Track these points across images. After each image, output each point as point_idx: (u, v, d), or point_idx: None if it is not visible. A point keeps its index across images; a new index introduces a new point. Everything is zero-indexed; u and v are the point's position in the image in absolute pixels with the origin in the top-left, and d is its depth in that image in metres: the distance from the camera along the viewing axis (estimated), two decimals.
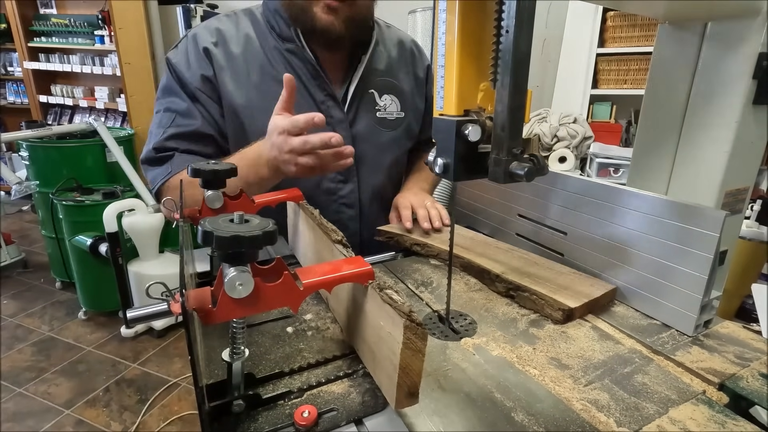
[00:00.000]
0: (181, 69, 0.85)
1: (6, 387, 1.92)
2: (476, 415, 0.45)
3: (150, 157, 0.86)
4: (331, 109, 0.90)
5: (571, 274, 0.71)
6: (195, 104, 0.86)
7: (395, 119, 0.99)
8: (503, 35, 0.43)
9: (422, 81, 1.05)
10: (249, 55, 0.87)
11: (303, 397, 0.47)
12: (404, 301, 0.40)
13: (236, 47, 0.87)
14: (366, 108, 0.95)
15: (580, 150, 2.13)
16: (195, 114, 0.85)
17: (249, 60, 0.87)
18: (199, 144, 0.86)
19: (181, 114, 0.85)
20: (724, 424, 0.45)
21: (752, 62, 0.63)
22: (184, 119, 0.85)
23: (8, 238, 2.93)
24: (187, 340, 0.34)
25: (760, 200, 1.49)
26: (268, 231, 0.37)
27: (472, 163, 0.50)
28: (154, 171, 0.85)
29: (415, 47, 1.06)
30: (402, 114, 0.99)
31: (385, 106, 0.97)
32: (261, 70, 0.87)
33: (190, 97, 0.85)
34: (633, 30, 2.27)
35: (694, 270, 0.57)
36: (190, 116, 0.85)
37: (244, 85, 0.86)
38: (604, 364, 0.54)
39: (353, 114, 0.93)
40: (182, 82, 0.85)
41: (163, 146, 0.85)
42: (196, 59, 0.85)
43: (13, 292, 2.69)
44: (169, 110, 0.86)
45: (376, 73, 0.96)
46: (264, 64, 0.87)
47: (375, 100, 0.96)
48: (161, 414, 1.79)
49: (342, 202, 0.95)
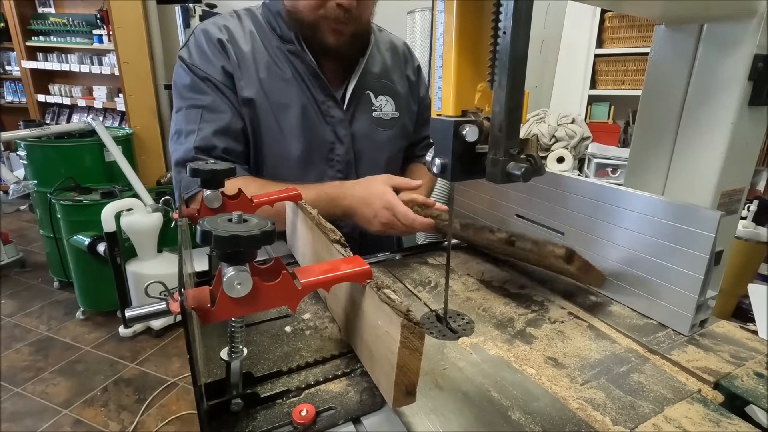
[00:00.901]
0: (200, 64, 0.85)
1: (4, 387, 1.92)
2: (473, 413, 0.46)
3: (188, 158, 0.83)
4: (332, 109, 0.92)
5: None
6: (220, 96, 0.86)
7: (391, 119, 1.01)
8: (500, 36, 0.43)
9: (414, 83, 1.07)
10: (256, 52, 0.89)
11: (301, 396, 0.47)
12: (402, 301, 0.40)
13: (244, 44, 0.88)
14: (363, 108, 0.97)
15: (578, 150, 2.14)
16: (223, 107, 0.85)
17: (256, 57, 0.88)
18: (233, 140, 0.87)
19: (208, 109, 0.85)
20: (718, 422, 0.45)
21: (748, 64, 0.63)
22: (212, 114, 0.85)
23: (6, 238, 2.92)
24: (186, 339, 0.34)
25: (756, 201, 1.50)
26: (266, 231, 0.37)
27: (470, 163, 0.50)
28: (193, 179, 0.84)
29: (406, 49, 1.09)
30: (397, 114, 1.02)
31: (381, 107, 0.99)
32: (267, 68, 0.88)
33: (213, 91, 0.85)
34: (631, 31, 2.28)
35: (690, 270, 0.58)
36: (218, 110, 0.85)
37: (253, 81, 0.87)
38: (600, 364, 0.54)
39: (351, 113, 0.96)
40: (203, 76, 0.85)
41: (209, 144, 0.83)
42: (213, 52, 0.86)
43: (10, 292, 2.69)
44: (194, 106, 0.85)
45: (371, 74, 0.98)
46: (270, 62, 0.89)
47: (371, 101, 0.98)
48: (159, 414, 1.79)
49: None
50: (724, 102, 0.67)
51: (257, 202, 0.69)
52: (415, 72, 1.08)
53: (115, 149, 2.39)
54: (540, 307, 0.67)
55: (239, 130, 0.88)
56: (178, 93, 0.88)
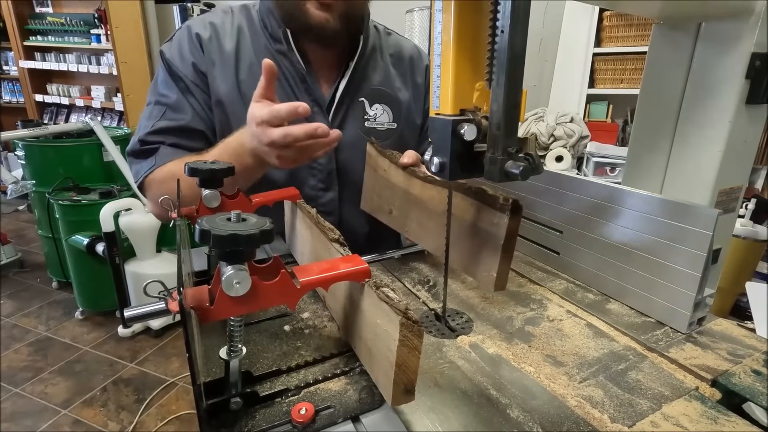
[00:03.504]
0: (175, 61, 0.85)
1: (3, 387, 1.92)
2: (472, 411, 0.46)
3: (135, 150, 0.84)
4: (316, 116, 0.88)
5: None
6: (187, 97, 0.85)
7: (386, 130, 0.96)
8: (498, 35, 0.43)
9: (421, 87, 1.01)
10: (240, 51, 0.87)
11: (300, 395, 0.47)
12: (400, 299, 0.41)
13: (228, 43, 0.87)
14: (354, 116, 0.92)
15: (576, 149, 2.14)
16: (185, 108, 0.85)
17: (239, 57, 0.87)
18: (187, 138, 0.85)
19: (172, 108, 0.85)
20: (716, 419, 0.46)
21: (745, 62, 0.64)
22: (174, 113, 0.84)
23: (4, 238, 2.92)
24: (185, 337, 0.34)
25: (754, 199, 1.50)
26: (265, 230, 0.37)
27: (468, 162, 0.50)
28: (139, 164, 0.84)
29: (415, 53, 1.03)
30: (394, 125, 0.96)
31: (375, 116, 0.94)
32: (249, 68, 0.87)
33: (182, 90, 0.85)
34: (629, 30, 2.28)
35: (687, 268, 0.58)
36: (181, 110, 0.85)
37: (231, 80, 0.86)
38: (598, 361, 0.55)
39: (339, 120, 0.91)
40: (175, 74, 0.85)
41: (149, 140, 0.83)
42: (189, 49, 0.85)
43: (9, 292, 2.69)
44: (160, 103, 0.85)
45: (369, 81, 0.94)
46: (253, 62, 0.87)
47: (364, 109, 0.93)
48: (159, 413, 1.79)
49: (321, 210, 0.93)
50: (721, 100, 0.67)
51: (256, 201, 0.69)
52: (423, 74, 1.02)
53: (113, 149, 2.39)
54: (539, 305, 0.68)
55: (199, 131, 0.86)
56: (153, 86, 0.88)
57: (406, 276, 0.77)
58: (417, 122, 1.01)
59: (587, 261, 0.72)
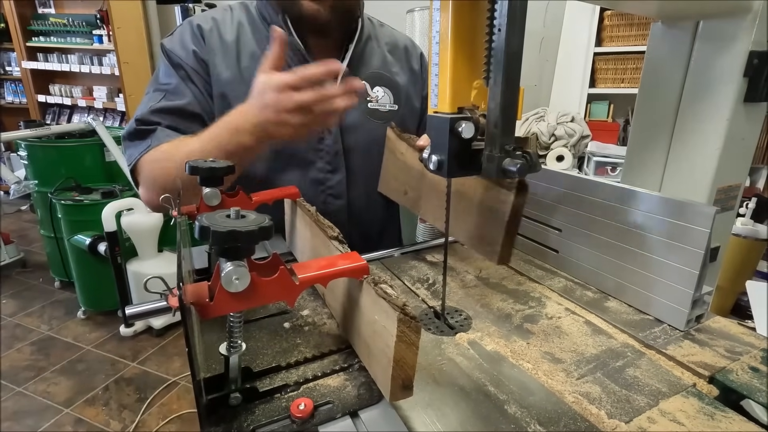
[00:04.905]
0: (175, 50, 0.86)
1: (5, 386, 1.93)
2: (470, 407, 0.46)
3: (131, 131, 0.82)
4: None
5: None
6: (187, 83, 0.86)
7: (387, 111, 0.98)
8: (495, 34, 0.44)
9: (417, 73, 1.04)
10: (240, 42, 0.89)
11: (299, 391, 0.48)
12: (398, 296, 0.41)
13: (229, 34, 0.88)
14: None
15: (577, 149, 2.14)
16: (185, 92, 0.85)
17: (240, 46, 0.88)
18: (185, 121, 0.85)
19: (171, 92, 0.85)
20: (713, 415, 0.46)
21: (743, 60, 0.64)
22: (173, 96, 0.85)
23: (7, 238, 2.93)
24: (185, 332, 0.35)
25: (755, 198, 1.50)
26: (264, 226, 0.37)
27: (466, 159, 0.50)
28: (134, 147, 0.82)
29: (409, 42, 1.06)
30: (395, 107, 0.99)
31: (377, 98, 0.96)
32: (251, 55, 0.88)
33: (182, 77, 0.86)
34: (630, 29, 2.28)
35: (685, 266, 0.58)
36: (179, 94, 0.85)
37: (233, 69, 0.87)
38: (596, 358, 0.55)
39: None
40: (176, 63, 0.86)
41: (147, 119, 0.82)
42: (190, 38, 0.86)
43: (12, 292, 2.70)
44: (159, 90, 0.86)
45: (368, 65, 0.96)
46: (255, 51, 0.88)
47: (366, 91, 0.95)
48: (160, 413, 1.80)
49: (329, 193, 0.95)
50: (719, 98, 0.67)
51: (255, 200, 0.70)
52: (418, 60, 1.05)
53: (115, 149, 2.40)
54: (537, 303, 0.68)
55: (197, 114, 0.86)
56: (153, 78, 0.89)
57: (405, 274, 0.77)
58: (416, 106, 1.04)
59: (586, 259, 0.73)
